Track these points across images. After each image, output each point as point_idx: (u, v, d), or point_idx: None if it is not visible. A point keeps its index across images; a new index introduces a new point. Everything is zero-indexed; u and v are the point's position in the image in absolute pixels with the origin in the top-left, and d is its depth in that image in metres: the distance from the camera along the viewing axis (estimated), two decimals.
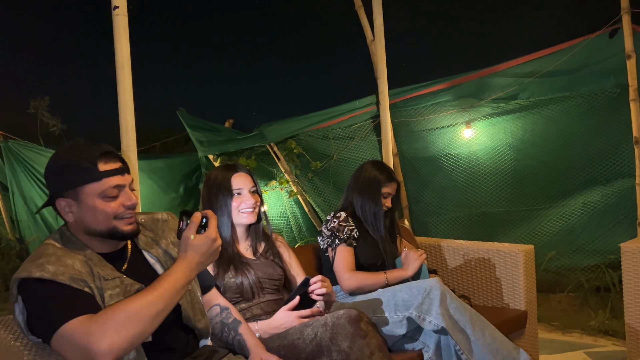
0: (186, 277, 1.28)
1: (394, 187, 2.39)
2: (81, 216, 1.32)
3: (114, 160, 1.34)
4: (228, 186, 1.91)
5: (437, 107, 4.63)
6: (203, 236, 1.31)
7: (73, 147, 1.33)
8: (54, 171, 1.32)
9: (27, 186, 5.81)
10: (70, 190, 1.31)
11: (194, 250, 1.30)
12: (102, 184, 1.30)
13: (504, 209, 4.45)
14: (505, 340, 1.78)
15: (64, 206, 1.32)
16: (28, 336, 1.25)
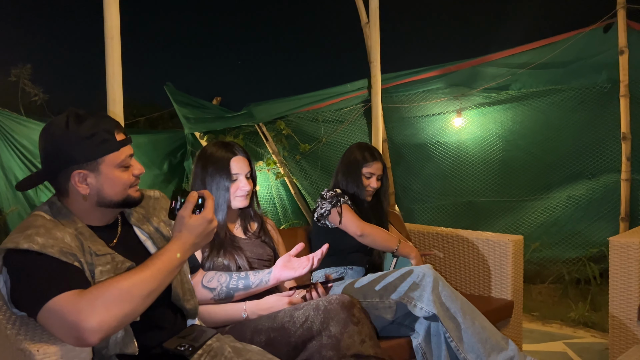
0: (180, 258, 1.25)
1: (377, 166, 2.38)
2: (99, 187, 1.28)
3: (123, 130, 1.33)
4: (227, 169, 1.86)
5: (428, 94, 4.61)
6: (199, 217, 1.28)
7: (80, 119, 1.26)
8: (67, 142, 1.24)
9: (5, 156, 5.65)
10: (90, 162, 1.26)
11: (189, 231, 1.27)
12: (120, 154, 1.29)
13: (490, 199, 4.48)
14: (495, 331, 1.79)
15: (79, 179, 1.26)
16: (11, 309, 1.20)
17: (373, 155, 2.40)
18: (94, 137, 1.25)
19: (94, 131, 1.26)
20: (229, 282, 1.70)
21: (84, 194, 1.28)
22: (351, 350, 1.46)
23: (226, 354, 1.39)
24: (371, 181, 2.37)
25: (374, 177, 2.38)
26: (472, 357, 1.73)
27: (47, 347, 1.07)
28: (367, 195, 2.40)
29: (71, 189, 1.29)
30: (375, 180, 2.39)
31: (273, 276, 1.70)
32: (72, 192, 1.29)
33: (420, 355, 1.80)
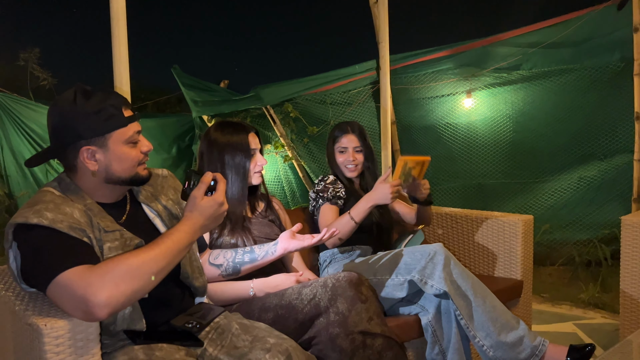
0: (189, 238, 1.24)
1: (349, 138, 2.28)
2: (107, 163, 1.28)
3: (130, 107, 1.32)
4: (247, 147, 1.84)
5: (438, 75, 4.55)
6: (211, 199, 1.27)
7: (88, 94, 1.26)
8: (75, 117, 1.23)
9: (16, 141, 5.68)
10: (98, 138, 1.25)
11: (199, 212, 1.26)
12: (128, 130, 1.29)
13: (500, 181, 4.44)
14: (505, 310, 1.77)
15: (87, 155, 1.26)
16: (20, 284, 1.20)
17: (343, 129, 2.31)
18: (102, 113, 1.24)
19: (102, 106, 1.25)
20: (235, 256, 1.70)
21: (92, 170, 1.28)
22: (358, 327, 1.46)
23: (233, 331, 1.39)
24: (346, 155, 2.28)
25: (348, 150, 2.28)
26: (482, 335, 1.72)
27: (55, 321, 1.07)
28: (349, 172, 2.30)
29: (80, 165, 1.28)
30: (353, 153, 2.28)
31: (280, 246, 1.69)
32: (81, 168, 1.29)
33: (430, 332, 1.80)
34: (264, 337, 1.35)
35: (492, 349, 1.71)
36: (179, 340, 1.33)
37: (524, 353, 1.71)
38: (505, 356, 1.70)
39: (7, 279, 1.41)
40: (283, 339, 1.34)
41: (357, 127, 2.33)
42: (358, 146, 2.29)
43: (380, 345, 1.47)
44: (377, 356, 1.46)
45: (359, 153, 2.30)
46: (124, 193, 1.40)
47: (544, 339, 1.75)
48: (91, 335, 1.10)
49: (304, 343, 1.50)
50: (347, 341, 1.44)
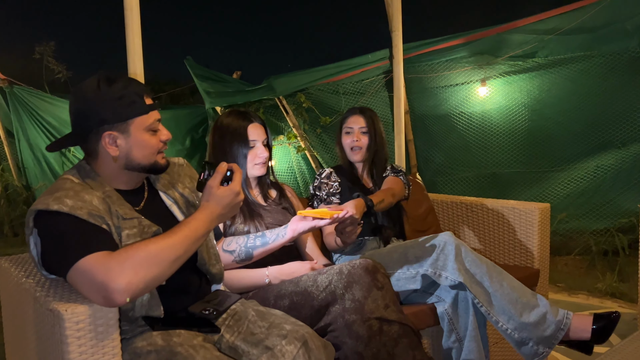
0: (206, 227, 1.26)
1: (355, 119, 2.26)
2: (128, 149, 1.29)
3: (151, 95, 1.33)
4: (244, 136, 1.84)
5: (452, 63, 4.50)
6: (227, 188, 1.28)
7: (111, 81, 1.27)
8: (98, 102, 1.25)
9: (32, 133, 5.76)
10: (120, 123, 1.27)
11: (216, 202, 1.27)
12: (149, 117, 1.30)
13: (515, 170, 4.40)
14: (524, 289, 1.76)
15: (109, 140, 1.27)
16: (41, 271, 1.22)
17: (352, 110, 2.29)
18: (124, 99, 1.26)
19: (124, 93, 1.26)
20: (247, 241, 1.71)
21: (113, 156, 1.29)
22: (375, 314, 1.46)
23: (250, 318, 1.40)
24: (352, 136, 2.25)
25: (353, 130, 2.25)
26: (504, 319, 1.71)
27: (76, 307, 1.08)
28: (354, 154, 2.27)
29: (101, 151, 1.30)
30: (357, 133, 2.24)
31: (290, 228, 1.68)
32: (102, 154, 1.30)
33: (446, 321, 1.79)
34: (280, 323, 1.36)
35: (517, 331, 1.70)
36: (196, 326, 1.35)
37: (549, 329, 1.69)
38: (530, 336, 1.70)
39: (28, 266, 1.43)
40: (299, 325, 1.35)
41: (367, 110, 2.31)
42: (364, 127, 2.25)
43: (396, 332, 1.47)
44: (393, 343, 1.46)
45: (364, 135, 2.26)
46: (142, 180, 1.42)
47: (567, 311, 1.73)
48: (111, 320, 1.12)
49: (319, 330, 1.50)
50: (364, 328, 1.44)
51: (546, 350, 1.70)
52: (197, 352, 1.19)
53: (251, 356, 1.30)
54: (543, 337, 1.70)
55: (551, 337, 1.70)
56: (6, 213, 5.72)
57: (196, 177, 1.56)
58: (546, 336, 1.70)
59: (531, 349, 1.71)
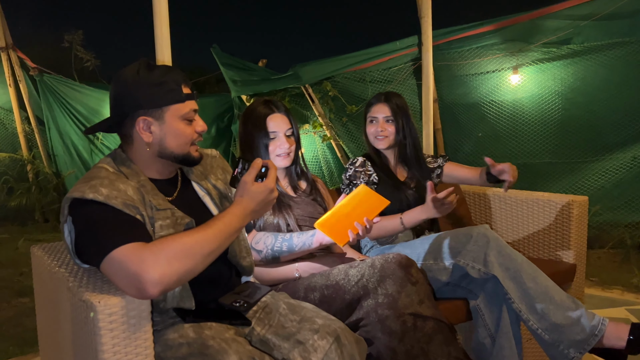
0: (239, 222, 1.24)
1: (379, 107, 2.17)
2: (162, 136, 1.29)
3: (189, 86, 1.33)
4: (264, 127, 1.81)
5: (482, 50, 4.39)
6: (262, 185, 1.27)
7: (151, 67, 1.28)
8: (136, 87, 1.25)
9: (62, 121, 5.85)
10: (155, 110, 1.27)
11: (250, 197, 1.26)
12: (185, 106, 1.29)
13: (547, 161, 4.28)
14: (559, 290, 1.69)
15: (144, 125, 1.28)
16: (74, 259, 1.22)
17: (377, 97, 2.20)
18: (162, 85, 1.26)
19: (163, 80, 1.26)
20: (274, 244, 1.66)
21: (147, 142, 1.28)
22: (408, 309, 1.42)
23: (281, 311, 1.38)
24: (375, 125, 2.17)
25: (378, 120, 2.17)
26: (535, 318, 1.65)
27: (109, 298, 1.07)
28: (378, 142, 2.17)
29: (135, 136, 1.30)
30: (382, 122, 2.15)
31: (316, 239, 1.63)
32: (136, 139, 1.30)
33: (478, 316, 1.74)
34: (311, 317, 1.33)
35: (547, 331, 1.64)
36: (227, 319, 1.33)
37: (581, 334, 1.63)
38: (561, 338, 1.63)
39: (60, 255, 1.43)
40: (331, 320, 1.32)
41: (392, 96, 2.20)
42: (389, 116, 2.16)
43: (431, 328, 1.43)
44: (428, 339, 1.42)
45: (390, 124, 2.17)
46: (176, 170, 1.41)
47: (603, 317, 1.67)
48: (143, 312, 1.11)
49: (351, 324, 1.47)
50: (398, 323, 1.41)
51: (577, 355, 1.63)
52: (229, 345, 1.18)
53: (282, 350, 1.28)
54: (575, 341, 1.63)
55: (583, 341, 1.63)
56: (37, 199, 5.84)
57: (228, 169, 1.56)
58: (578, 340, 1.63)
59: (561, 352, 1.64)
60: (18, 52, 5.68)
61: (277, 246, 1.65)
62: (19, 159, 5.90)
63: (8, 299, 3.40)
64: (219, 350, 1.16)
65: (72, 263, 1.34)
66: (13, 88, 5.75)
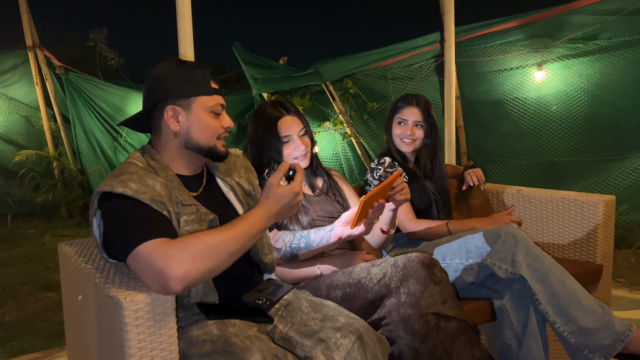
0: (263, 224, 1.25)
1: (413, 111, 2.15)
2: (188, 127, 1.33)
3: (217, 82, 1.37)
4: (275, 132, 1.78)
5: (506, 46, 4.33)
6: (287, 187, 1.28)
7: (181, 62, 1.34)
8: (166, 78, 1.31)
9: (87, 119, 5.95)
10: (183, 100, 1.31)
11: (275, 200, 1.27)
12: (212, 99, 1.33)
13: (572, 159, 4.20)
14: (586, 294, 1.66)
15: (172, 114, 1.31)
16: (102, 253, 1.24)
17: (408, 100, 2.17)
18: (191, 78, 1.31)
19: (192, 73, 1.32)
20: (292, 241, 1.65)
21: (174, 131, 1.32)
22: (431, 309, 1.41)
23: (303, 309, 1.38)
24: (404, 128, 2.15)
25: (408, 123, 2.15)
26: (562, 320, 1.62)
27: (135, 295, 1.09)
28: (405, 145, 2.17)
29: (164, 126, 1.33)
30: (412, 127, 2.14)
31: (334, 234, 1.61)
32: (164, 129, 1.33)
33: (504, 317, 1.72)
34: (334, 315, 1.33)
35: (574, 335, 1.61)
36: (250, 316, 1.34)
37: (608, 339, 1.60)
38: (587, 342, 1.60)
39: (87, 251, 1.46)
40: (354, 318, 1.32)
41: (422, 101, 2.20)
42: (419, 121, 2.16)
43: (454, 328, 1.41)
44: (451, 340, 1.41)
45: (419, 128, 2.17)
46: (202, 166, 1.44)
47: (630, 323, 1.63)
48: (168, 309, 1.12)
49: (373, 323, 1.47)
50: (421, 323, 1.40)
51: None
52: (252, 343, 1.18)
53: (305, 348, 1.28)
54: (600, 346, 1.60)
55: (609, 347, 1.60)
56: (62, 196, 5.96)
57: (251, 168, 1.58)
58: (604, 345, 1.60)
59: (586, 356, 1.62)
60: (45, 51, 5.81)
61: (295, 243, 1.65)
62: (45, 156, 6.02)
63: (35, 293, 3.48)
64: (242, 347, 1.16)
65: (98, 259, 1.36)
66: (40, 86, 5.88)
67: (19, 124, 6.08)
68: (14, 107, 6.03)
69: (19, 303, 3.31)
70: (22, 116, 6.07)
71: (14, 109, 6.03)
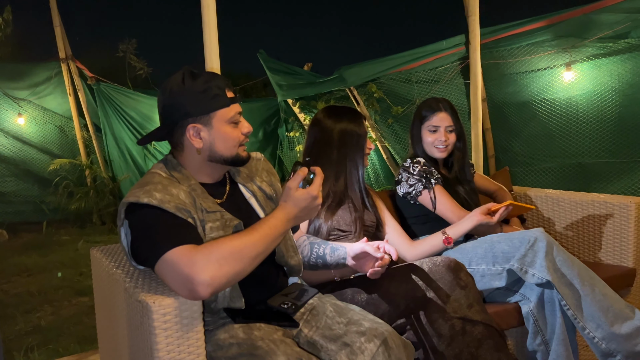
0: (283, 226, 1.27)
1: (441, 116, 2.12)
2: (211, 142, 1.34)
3: (232, 89, 1.37)
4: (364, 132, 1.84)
5: (533, 47, 4.25)
6: (305, 191, 1.28)
7: (195, 75, 1.33)
8: (183, 95, 1.30)
9: (117, 128, 6.10)
10: (203, 116, 1.32)
11: (293, 203, 1.28)
12: (231, 110, 1.33)
13: (603, 160, 4.10)
14: (617, 298, 1.63)
15: (193, 133, 1.32)
16: (131, 261, 1.28)
17: (433, 107, 2.15)
18: (207, 92, 1.30)
19: (207, 86, 1.31)
20: (310, 257, 1.62)
21: (198, 148, 1.33)
22: (457, 313, 1.40)
23: (328, 313, 1.39)
24: (438, 135, 2.12)
25: (440, 130, 2.12)
26: (592, 326, 1.59)
27: (163, 299, 1.12)
28: (439, 152, 2.14)
29: (186, 143, 1.34)
30: (445, 132, 2.12)
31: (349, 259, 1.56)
32: (187, 146, 1.35)
33: (531, 322, 1.69)
34: (358, 320, 1.34)
35: (605, 341, 1.58)
36: (275, 320, 1.36)
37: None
38: (619, 348, 1.57)
39: (117, 256, 1.50)
40: (378, 323, 1.32)
41: (448, 104, 2.18)
42: (450, 125, 2.14)
43: (480, 333, 1.40)
44: (477, 344, 1.40)
45: (451, 133, 2.15)
46: (224, 173, 1.45)
47: None
48: (195, 313, 1.15)
49: (398, 327, 1.47)
50: (446, 327, 1.39)
51: None
52: (277, 346, 1.20)
53: (330, 352, 1.29)
54: (633, 352, 1.57)
55: None
56: (95, 203, 6.12)
57: (273, 171, 1.59)
58: (637, 352, 1.57)
59: None
60: (77, 62, 5.98)
61: (313, 261, 1.62)
62: (78, 165, 6.20)
63: (69, 298, 3.58)
64: (267, 351, 1.18)
65: (128, 265, 1.40)
66: (72, 97, 6.06)
67: (53, 133, 6.28)
68: (48, 118, 6.23)
69: (54, 307, 3.41)
70: (56, 126, 6.27)
71: (48, 119, 6.24)
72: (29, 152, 6.15)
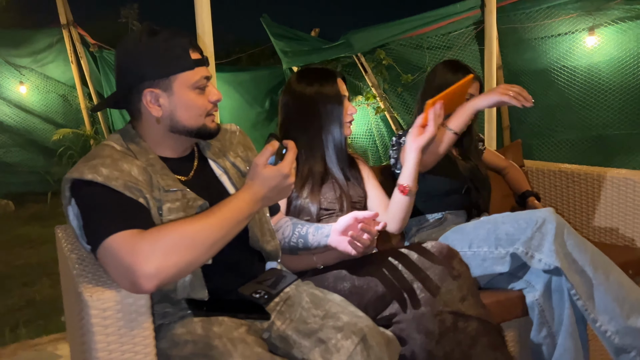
0: (250, 209, 1.11)
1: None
2: (172, 109, 1.18)
3: (198, 50, 1.20)
4: (339, 94, 1.63)
5: (554, 10, 3.98)
6: (275, 169, 1.12)
7: (154, 32, 1.16)
8: (139, 56, 1.15)
9: None
10: (162, 80, 1.15)
11: (261, 182, 1.12)
12: (195, 73, 1.17)
13: (626, 132, 3.87)
14: (635, 288, 1.46)
15: (150, 98, 1.17)
16: (82, 244, 1.13)
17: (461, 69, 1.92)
18: (167, 52, 1.14)
19: (167, 46, 1.14)
20: (291, 237, 1.48)
21: (156, 116, 1.18)
22: (448, 307, 1.25)
23: (303, 304, 1.25)
24: None
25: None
26: (605, 319, 1.42)
27: (102, 292, 0.98)
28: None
29: (144, 111, 1.19)
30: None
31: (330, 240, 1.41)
32: (145, 114, 1.20)
33: (537, 312, 1.53)
34: (336, 313, 1.19)
35: (619, 335, 1.42)
36: (244, 312, 1.21)
37: None
38: (635, 344, 1.41)
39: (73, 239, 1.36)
40: (358, 317, 1.17)
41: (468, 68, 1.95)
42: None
43: (474, 329, 1.25)
44: (470, 341, 1.24)
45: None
46: (191, 147, 1.30)
47: None
48: (142, 308, 1.00)
49: (383, 319, 1.32)
50: (435, 322, 1.24)
51: None
52: (235, 347, 1.06)
53: (302, 349, 1.15)
54: None
55: None
56: None
57: (250, 145, 1.43)
58: None
59: (633, 358, 1.43)
60: (78, 28, 5.83)
61: (294, 241, 1.48)
62: (82, 134, 6.11)
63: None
64: (223, 352, 1.04)
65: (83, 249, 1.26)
66: (75, 65, 5.93)
67: (57, 102, 6.18)
68: (51, 86, 6.13)
69: (52, 281, 3.35)
70: (59, 95, 6.17)
71: (51, 88, 6.13)
72: (33, 121, 6.08)
